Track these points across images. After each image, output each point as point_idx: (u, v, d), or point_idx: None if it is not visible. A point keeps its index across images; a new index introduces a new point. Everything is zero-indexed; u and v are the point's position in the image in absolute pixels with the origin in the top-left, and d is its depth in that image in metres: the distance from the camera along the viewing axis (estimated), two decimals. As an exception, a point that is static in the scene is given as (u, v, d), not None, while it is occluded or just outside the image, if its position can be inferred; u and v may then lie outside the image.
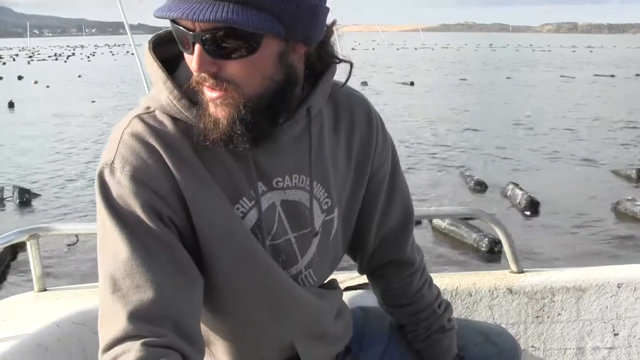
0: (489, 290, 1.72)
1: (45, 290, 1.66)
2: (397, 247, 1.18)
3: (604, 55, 56.78)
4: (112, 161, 0.90)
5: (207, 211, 0.92)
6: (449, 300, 1.58)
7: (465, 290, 1.71)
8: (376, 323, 1.27)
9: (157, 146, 0.90)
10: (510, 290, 1.72)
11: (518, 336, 1.71)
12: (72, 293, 1.64)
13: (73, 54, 71.54)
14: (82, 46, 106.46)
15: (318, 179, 1.03)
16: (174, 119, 0.93)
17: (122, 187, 0.88)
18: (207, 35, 0.83)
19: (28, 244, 1.62)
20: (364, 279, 1.54)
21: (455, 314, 1.28)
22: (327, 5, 0.93)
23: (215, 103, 0.88)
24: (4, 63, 52.37)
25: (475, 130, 13.94)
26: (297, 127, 0.99)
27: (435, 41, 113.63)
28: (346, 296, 1.31)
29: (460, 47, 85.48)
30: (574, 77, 29.45)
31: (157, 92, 0.94)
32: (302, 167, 1.01)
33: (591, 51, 69.34)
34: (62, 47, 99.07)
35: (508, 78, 29.43)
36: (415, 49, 76.05)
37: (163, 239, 0.88)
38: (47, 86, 27.82)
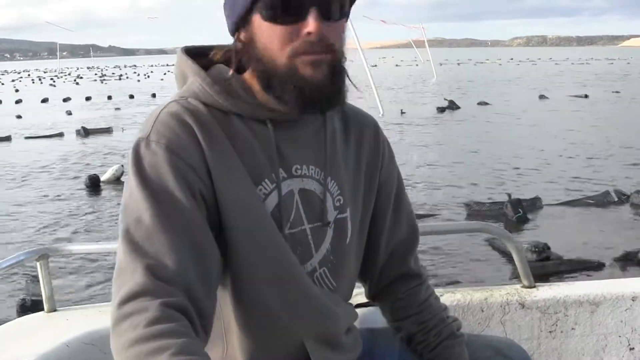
0: (501, 306, 1.68)
1: (55, 310, 1.63)
2: (403, 262, 1.22)
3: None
4: (148, 135, 0.94)
5: (230, 190, 0.96)
6: (460, 316, 1.58)
7: (477, 305, 1.68)
8: (385, 342, 1.28)
9: (191, 124, 0.95)
10: (522, 305, 1.68)
11: (531, 352, 1.65)
12: (82, 313, 1.62)
13: (123, 74, 70.80)
14: (102, 68, 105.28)
15: (332, 174, 1.08)
16: (205, 105, 0.99)
17: (156, 156, 0.92)
18: None
19: (37, 264, 1.59)
20: None
21: (467, 330, 1.27)
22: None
23: (314, 64, 0.94)
24: (77, 83, 51.69)
25: None
26: (317, 121, 1.06)
27: (454, 57, 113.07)
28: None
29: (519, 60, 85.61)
30: None
31: (190, 83, 1.01)
32: (319, 159, 1.06)
33: (628, 63, 70.91)
34: (77, 69, 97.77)
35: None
36: (475, 64, 76.25)
37: (187, 208, 0.90)
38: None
